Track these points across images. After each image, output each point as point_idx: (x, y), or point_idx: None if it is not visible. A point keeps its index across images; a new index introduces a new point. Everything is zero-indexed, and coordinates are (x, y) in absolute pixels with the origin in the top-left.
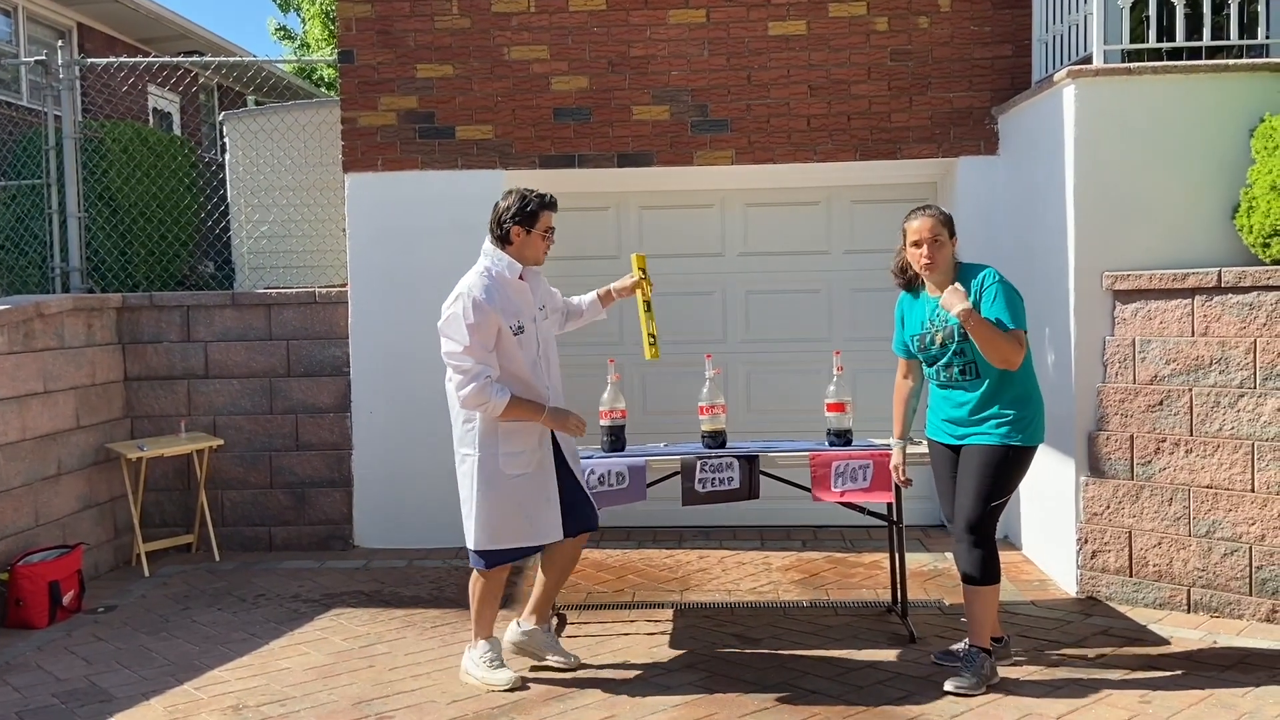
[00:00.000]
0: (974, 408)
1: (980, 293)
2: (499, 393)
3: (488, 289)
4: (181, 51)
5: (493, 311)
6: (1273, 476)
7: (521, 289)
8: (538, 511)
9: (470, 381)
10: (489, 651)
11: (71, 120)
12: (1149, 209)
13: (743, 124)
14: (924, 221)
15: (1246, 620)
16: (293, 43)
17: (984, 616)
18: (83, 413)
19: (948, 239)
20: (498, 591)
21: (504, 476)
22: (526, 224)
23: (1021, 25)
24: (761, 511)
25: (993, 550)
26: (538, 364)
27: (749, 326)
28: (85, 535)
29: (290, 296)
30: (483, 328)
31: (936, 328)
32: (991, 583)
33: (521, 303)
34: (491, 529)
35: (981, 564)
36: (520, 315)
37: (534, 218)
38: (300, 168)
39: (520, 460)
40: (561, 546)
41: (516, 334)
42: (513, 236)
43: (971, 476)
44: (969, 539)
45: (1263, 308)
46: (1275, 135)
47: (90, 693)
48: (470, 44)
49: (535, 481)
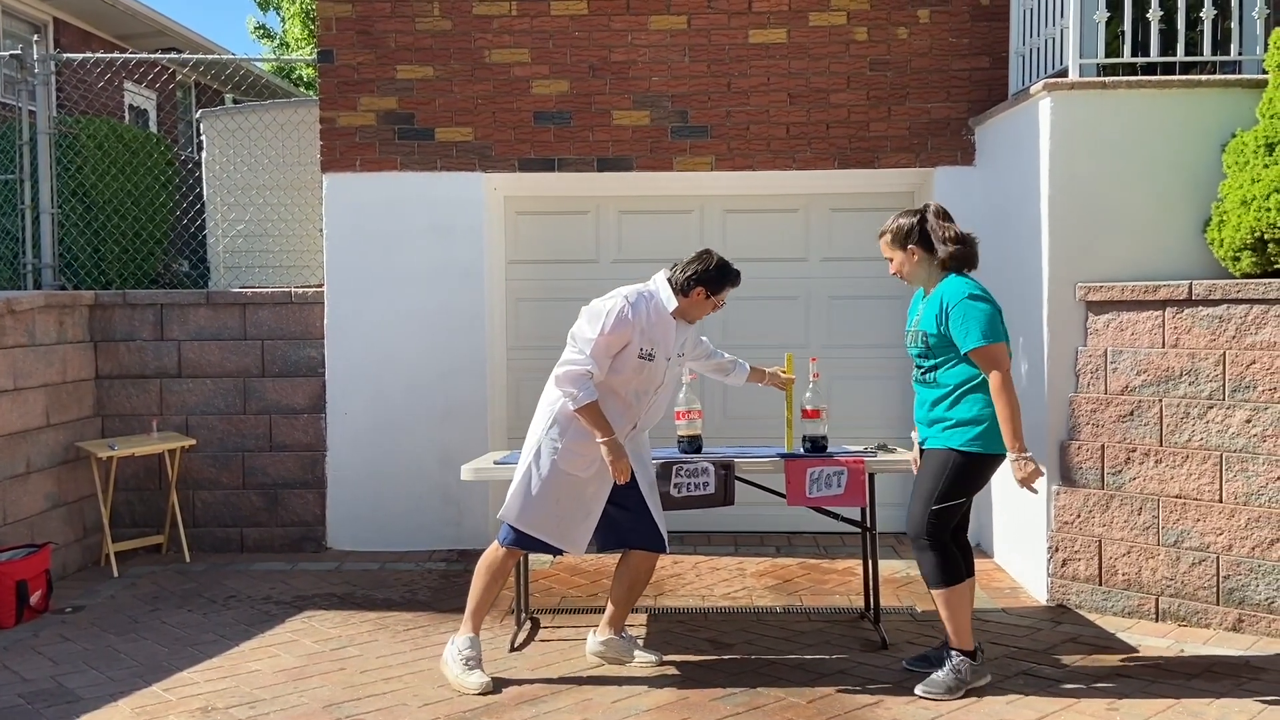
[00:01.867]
0: (930, 408)
1: (947, 313)
2: (588, 392)
3: (640, 307)
4: (159, 48)
5: (632, 328)
6: (1240, 487)
7: (668, 326)
8: (570, 518)
9: (576, 365)
10: (468, 649)
11: (46, 115)
12: (1122, 221)
13: (722, 130)
14: (879, 243)
15: (1214, 629)
16: (272, 41)
17: (952, 619)
18: (53, 411)
19: (902, 252)
20: (499, 579)
21: (558, 469)
22: (712, 290)
23: (999, 38)
24: (736, 517)
25: (943, 553)
26: (643, 397)
27: (726, 332)
28: (54, 535)
29: (266, 296)
30: (616, 334)
31: (912, 329)
32: (946, 585)
33: (663, 338)
34: (523, 506)
35: (932, 567)
36: (656, 346)
37: (720, 288)
38: (278, 167)
39: (578, 462)
40: (634, 564)
41: (643, 359)
42: (693, 294)
43: (921, 478)
44: (916, 542)
45: (1232, 320)
46: (1246, 150)
47: (57, 693)
48: (451, 46)
49: (583, 490)
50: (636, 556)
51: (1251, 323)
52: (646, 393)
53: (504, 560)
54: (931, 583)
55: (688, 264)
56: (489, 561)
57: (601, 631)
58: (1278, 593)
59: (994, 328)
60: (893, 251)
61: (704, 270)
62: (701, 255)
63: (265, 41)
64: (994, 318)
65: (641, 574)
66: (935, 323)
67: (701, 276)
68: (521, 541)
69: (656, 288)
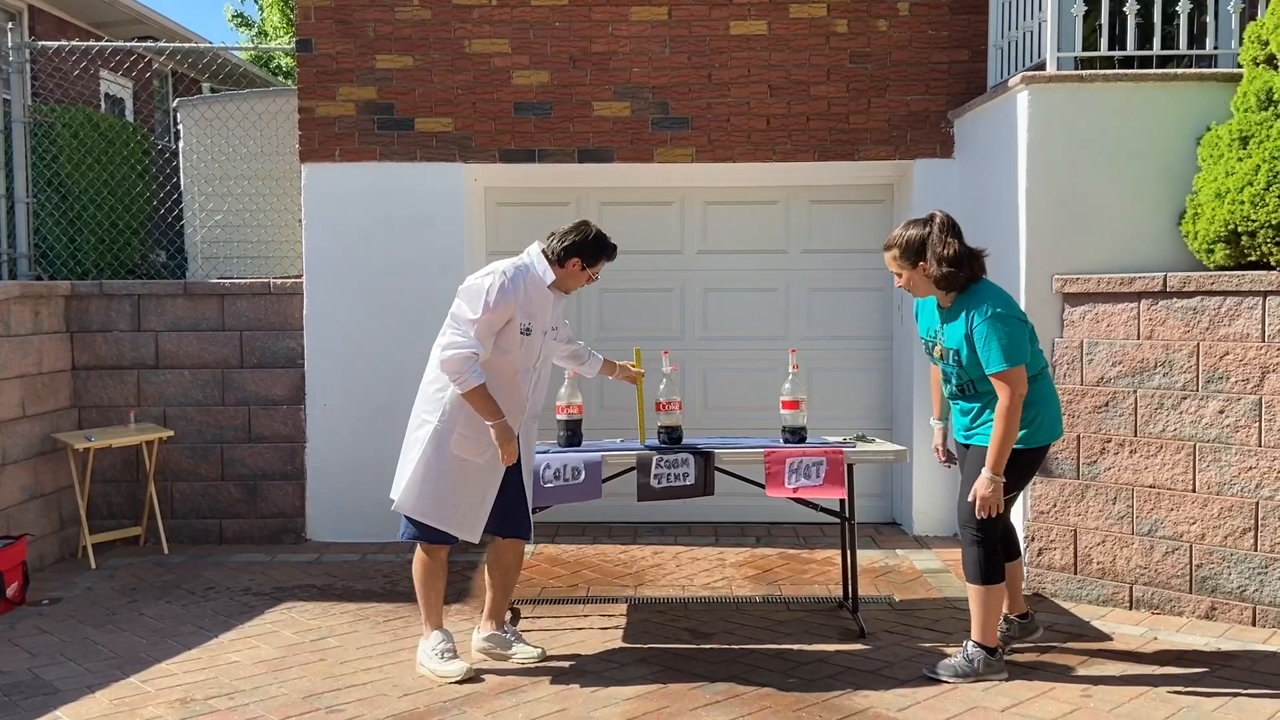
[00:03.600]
0: (974, 415)
1: (972, 331)
2: (476, 374)
3: (518, 281)
4: (135, 37)
5: (514, 302)
6: (1213, 477)
7: (546, 299)
8: (467, 505)
9: (460, 349)
10: (442, 643)
11: (21, 104)
12: (1099, 214)
13: (703, 122)
14: (885, 256)
15: (1186, 617)
16: (250, 30)
17: (981, 615)
18: (29, 402)
19: (910, 268)
20: (437, 574)
21: (451, 455)
22: (588, 262)
23: (978, 31)
24: (716, 508)
25: (990, 550)
26: (528, 373)
27: (707, 324)
28: (30, 526)
29: (244, 287)
30: (499, 311)
31: (937, 341)
32: (985, 583)
33: (540, 311)
34: (418, 497)
35: (974, 563)
36: (534, 320)
37: (596, 260)
38: (256, 157)
39: (471, 446)
40: (501, 551)
41: (524, 334)
42: (569, 264)
43: (970, 474)
44: (964, 535)
45: (1206, 312)
46: (1220, 144)
47: (34, 685)
48: (431, 36)
49: (478, 475)
50: (504, 545)
51: (1225, 315)
52: (530, 370)
53: (430, 558)
54: (971, 577)
55: (564, 234)
56: (417, 565)
57: (484, 627)
58: (1249, 581)
59: (1016, 349)
60: (901, 267)
61: (581, 241)
62: (579, 226)
63: (243, 30)
64: (1017, 337)
65: (513, 562)
66: (966, 343)
67: (578, 247)
68: (422, 533)
69: (532, 260)
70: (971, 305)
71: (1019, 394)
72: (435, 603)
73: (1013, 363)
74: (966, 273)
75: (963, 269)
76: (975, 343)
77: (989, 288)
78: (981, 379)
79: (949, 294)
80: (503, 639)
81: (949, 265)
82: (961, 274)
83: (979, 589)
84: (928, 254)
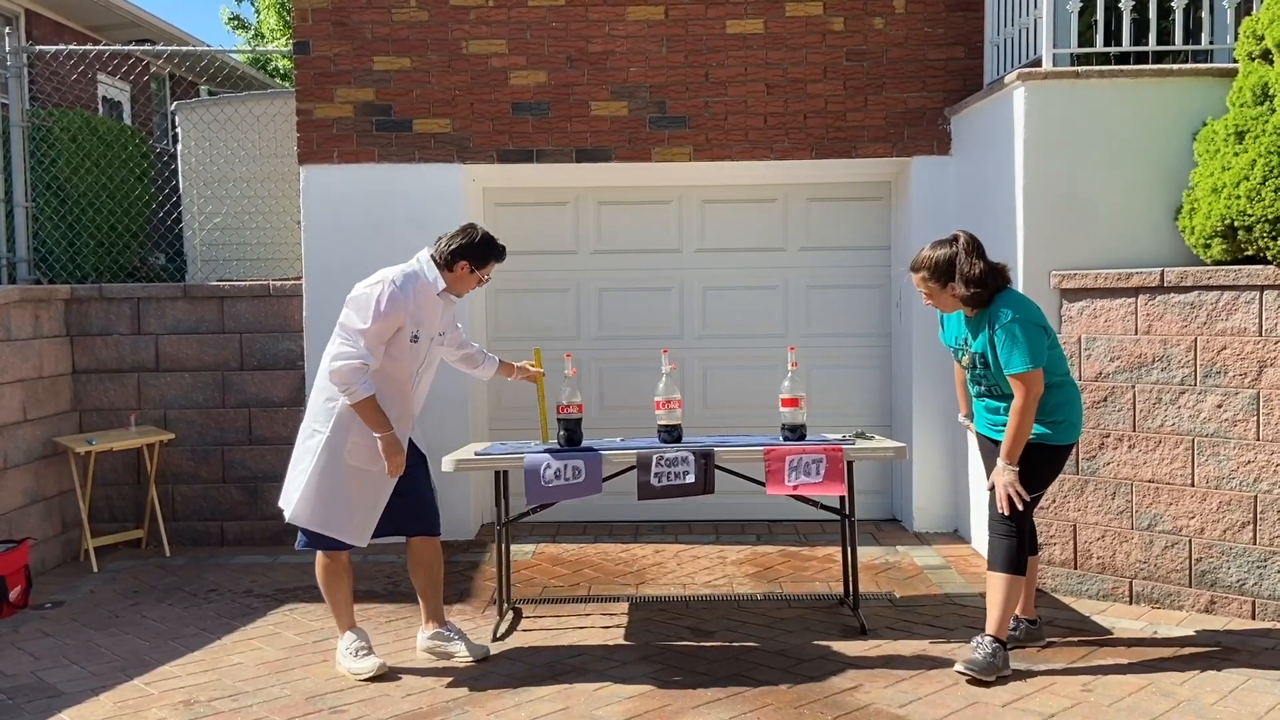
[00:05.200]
0: (1003, 415)
1: (994, 334)
2: (365, 386)
3: (407, 289)
4: (132, 40)
5: (404, 311)
6: (1212, 471)
7: (434, 306)
8: (361, 512)
9: (350, 360)
10: (355, 641)
11: (19, 108)
12: (1095, 210)
13: (700, 121)
14: (913, 278)
15: (1186, 611)
16: (246, 33)
17: (1000, 605)
18: (29, 406)
19: (939, 288)
20: (341, 578)
21: (344, 464)
22: (477, 264)
23: (974, 28)
24: (717, 506)
25: (1019, 540)
26: (414, 378)
27: (705, 322)
28: (32, 530)
29: (243, 289)
30: (389, 320)
31: (964, 348)
32: (1009, 572)
33: (428, 318)
34: (312, 508)
35: (1004, 553)
36: (422, 327)
37: (485, 262)
38: (254, 159)
39: (364, 454)
40: (417, 551)
41: (412, 342)
42: (457, 268)
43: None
44: (997, 528)
45: (1203, 307)
46: (1217, 139)
47: (38, 688)
48: (428, 37)
49: (371, 482)
50: (418, 545)
51: (1222, 309)
52: (415, 375)
53: (332, 563)
54: (997, 565)
55: (452, 238)
56: (321, 572)
57: (427, 627)
58: (1248, 575)
59: (1036, 352)
60: (930, 288)
61: (468, 244)
62: (466, 229)
63: (240, 33)
64: (1035, 342)
65: (433, 559)
66: (991, 347)
67: (466, 250)
68: (318, 542)
69: (421, 266)
70: (993, 312)
71: (1034, 394)
72: (344, 605)
73: (1030, 365)
74: (990, 289)
75: (987, 287)
76: (996, 345)
77: (1012, 296)
78: (1006, 381)
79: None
80: (445, 636)
81: (975, 286)
82: (986, 292)
83: (1002, 578)
84: (956, 275)
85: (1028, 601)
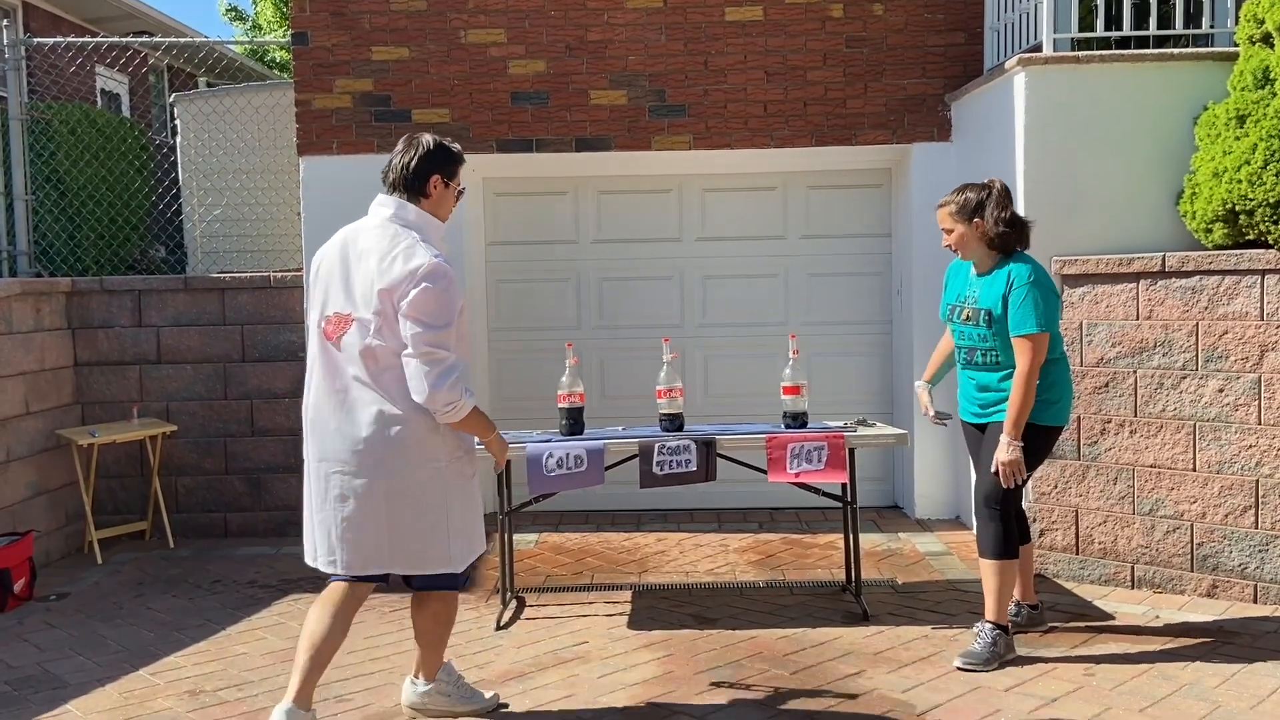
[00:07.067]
0: (992, 389)
1: (1009, 292)
2: (469, 393)
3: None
4: (130, 32)
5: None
6: (1213, 456)
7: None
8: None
9: (449, 373)
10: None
11: (17, 101)
12: (1096, 195)
13: (700, 109)
14: (938, 213)
15: (1188, 595)
16: (244, 24)
17: (995, 591)
18: (32, 399)
19: (965, 225)
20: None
21: (459, 485)
22: (448, 175)
23: (974, 13)
24: (719, 494)
25: (1006, 525)
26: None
27: (706, 311)
28: (36, 523)
29: (244, 281)
30: (460, 306)
31: (967, 304)
32: (999, 557)
33: None
34: (469, 535)
35: (992, 538)
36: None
37: (455, 169)
38: (254, 150)
39: (472, 459)
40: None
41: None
42: (431, 188)
43: (989, 453)
44: (984, 512)
45: (1205, 292)
46: (1217, 123)
47: (43, 679)
48: (426, 26)
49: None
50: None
51: (1223, 294)
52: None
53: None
54: (986, 552)
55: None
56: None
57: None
58: (1250, 559)
59: (1051, 316)
60: (955, 223)
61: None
62: (409, 143)
63: (237, 24)
64: (1053, 305)
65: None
66: (1002, 303)
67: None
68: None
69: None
70: (1014, 268)
71: (1037, 362)
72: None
73: (1042, 329)
74: (1017, 236)
75: (1015, 231)
76: (1011, 303)
77: (1030, 258)
78: (1005, 348)
79: (992, 257)
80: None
81: (1006, 225)
82: (1014, 236)
83: (994, 564)
84: (986, 213)
85: (1026, 587)
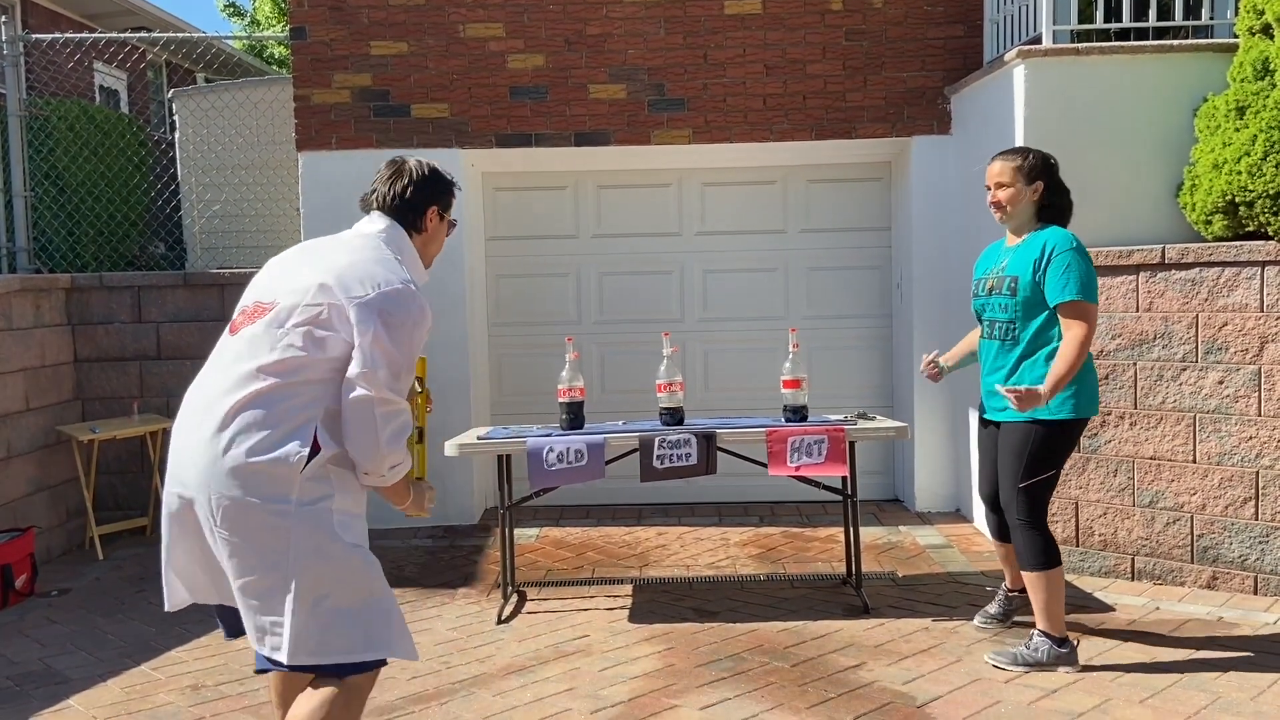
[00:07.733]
0: (1010, 370)
1: (1048, 259)
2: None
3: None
4: (128, 28)
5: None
6: (1213, 448)
7: None
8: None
9: (405, 430)
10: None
11: (16, 98)
12: (1096, 187)
13: (699, 103)
14: (994, 165)
15: (1188, 587)
16: (242, 19)
17: (1044, 602)
18: (32, 395)
19: (1021, 184)
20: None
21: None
22: (444, 206)
23: (973, 6)
24: (719, 488)
25: (1043, 532)
26: None
27: (706, 305)
28: (37, 518)
29: (244, 277)
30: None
31: (993, 275)
32: (1037, 569)
33: None
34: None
35: (1030, 549)
36: None
37: (450, 200)
38: (253, 146)
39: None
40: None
41: None
42: (427, 222)
43: (1005, 457)
44: (1015, 523)
45: (1204, 284)
46: (1217, 115)
47: (45, 674)
48: (425, 21)
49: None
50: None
51: (1223, 285)
52: None
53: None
54: (1026, 565)
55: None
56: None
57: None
58: (1250, 550)
59: (1091, 287)
60: (1015, 180)
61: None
62: (397, 170)
63: (235, 19)
64: (1092, 276)
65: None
66: (1032, 269)
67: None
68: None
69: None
70: (1053, 235)
71: (1091, 328)
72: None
73: (1086, 297)
74: (1061, 208)
75: (1065, 200)
76: (1051, 270)
77: (1069, 231)
78: (1025, 320)
79: (1032, 225)
80: None
81: (1062, 195)
82: (1064, 203)
83: (1037, 575)
84: (1049, 178)
85: (1015, 573)
